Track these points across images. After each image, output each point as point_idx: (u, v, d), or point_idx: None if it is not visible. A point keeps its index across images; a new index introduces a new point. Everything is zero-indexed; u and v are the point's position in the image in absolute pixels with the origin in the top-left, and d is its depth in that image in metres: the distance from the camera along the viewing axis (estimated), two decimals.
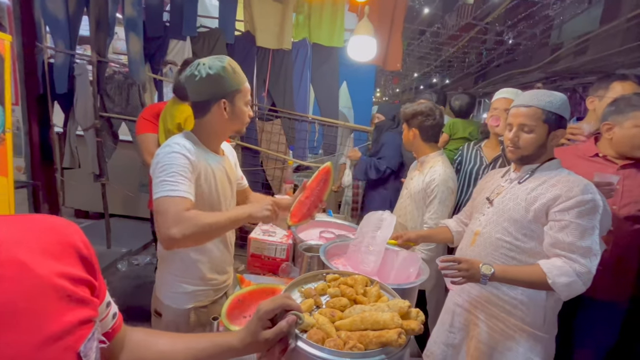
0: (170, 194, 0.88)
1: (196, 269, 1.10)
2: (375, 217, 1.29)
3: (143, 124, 1.92)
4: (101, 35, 2.85)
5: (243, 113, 1.06)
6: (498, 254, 1.15)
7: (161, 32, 2.85)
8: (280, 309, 0.61)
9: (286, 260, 1.55)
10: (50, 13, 2.75)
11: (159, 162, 0.94)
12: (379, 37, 2.63)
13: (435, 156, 1.70)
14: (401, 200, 1.81)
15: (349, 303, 0.74)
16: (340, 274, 0.89)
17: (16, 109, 3.06)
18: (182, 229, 0.85)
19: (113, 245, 3.26)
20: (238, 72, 1.03)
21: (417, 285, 1.03)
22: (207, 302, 1.15)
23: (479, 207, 1.30)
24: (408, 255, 1.20)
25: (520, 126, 1.12)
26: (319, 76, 2.97)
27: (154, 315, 1.17)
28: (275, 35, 2.84)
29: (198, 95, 1.02)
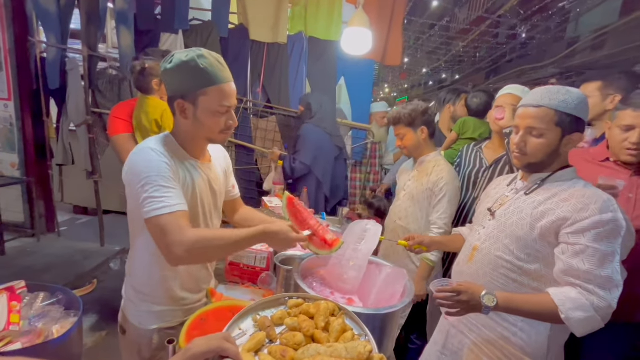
0: (162, 212, 0.80)
1: (165, 287, 0.98)
2: (359, 227, 1.18)
3: (117, 123, 1.82)
4: (92, 29, 2.78)
5: (211, 121, 0.89)
6: (497, 274, 1.01)
7: (152, 26, 2.76)
8: (214, 354, 0.51)
9: (266, 270, 1.44)
10: (41, 6, 2.69)
11: (136, 175, 0.83)
12: (378, 30, 2.49)
13: (436, 156, 1.65)
14: (398, 203, 1.71)
15: (304, 340, 0.63)
16: (306, 298, 0.78)
17: (9, 104, 3.03)
18: (186, 247, 0.78)
19: (107, 242, 3.22)
20: (208, 69, 0.85)
21: (400, 310, 0.91)
22: (174, 324, 1.02)
23: (480, 218, 1.16)
24: (392, 270, 1.08)
25: (528, 129, 0.96)
26: (316, 71, 2.85)
27: (120, 331, 1.09)
28: (269, 28, 2.72)
29: (167, 90, 0.91)
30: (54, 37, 2.77)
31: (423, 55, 11.62)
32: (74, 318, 1.66)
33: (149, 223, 0.82)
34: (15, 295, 1.64)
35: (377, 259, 1.19)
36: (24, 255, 2.91)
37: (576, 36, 6.88)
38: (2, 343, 1.48)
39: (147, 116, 1.73)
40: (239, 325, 0.70)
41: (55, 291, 1.78)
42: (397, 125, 1.61)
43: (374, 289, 1.04)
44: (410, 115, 1.57)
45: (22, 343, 1.50)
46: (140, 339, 1.01)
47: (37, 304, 1.71)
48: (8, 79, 2.95)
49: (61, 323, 1.66)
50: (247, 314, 0.73)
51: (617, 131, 1.24)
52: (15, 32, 2.87)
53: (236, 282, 1.47)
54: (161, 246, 0.81)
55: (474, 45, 9.51)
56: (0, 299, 1.55)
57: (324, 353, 0.57)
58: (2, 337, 1.49)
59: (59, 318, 1.69)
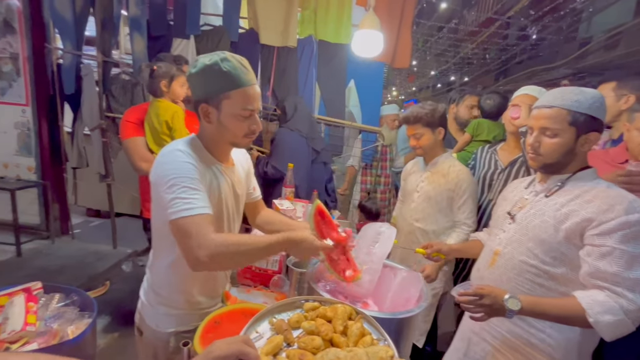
0: (187, 214, 0.79)
1: (183, 291, 0.99)
2: (373, 229, 1.16)
3: (128, 127, 1.84)
4: (106, 35, 2.84)
5: (235, 125, 0.88)
6: (522, 279, 0.99)
7: (165, 31, 2.81)
8: (235, 358, 0.50)
9: (278, 273, 1.44)
10: (58, 13, 2.76)
11: (164, 176, 0.83)
12: (387, 32, 2.48)
13: (448, 156, 1.65)
14: (412, 205, 1.67)
15: (322, 344, 0.62)
16: (322, 302, 0.77)
17: (27, 109, 3.11)
18: (210, 251, 0.77)
19: (119, 245, 3.27)
20: (232, 72, 0.84)
21: (417, 314, 0.90)
22: (191, 327, 1.01)
23: (499, 221, 1.14)
24: (408, 274, 1.06)
25: (542, 130, 0.96)
26: (325, 74, 2.85)
27: (137, 332, 1.09)
28: (279, 32, 2.74)
29: (192, 95, 0.92)
30: (69, 44, 2.84)
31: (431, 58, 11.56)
32: (88, 319, 1.68)
33: (173, 225, 0.81)
34: (32, 296, 1.68)
35: (392, 263, 1.17)
36: (40, 256, 2.97)
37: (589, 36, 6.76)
38: (19, 343, 1.51)
39: (158, 118, 1.75)
40: (256, 328, 0.69)
41: (70, 292, 1.81)
42: (415, 125, 1.58)
43: (389, 293, 1.02)
44: (432, 115, 1.55)
45: (38, 343, 1.53)
46: (156, 341, 1.01)
47: (53, 305, 1.74)
48: (26, 85, 3.03)
49: (76, 324, 1.69)
50: (264, 317, 0.72)
51: (635, 133, 1.23)
52: (33, 40, 2.95)
53: (248, 285, 1.46)
54: (184, 249, 0.80)
55: (483, 47, 9.42)
56: (18, 299, 1.58)
57: (344, 357, 0.56)
58: (19, 337, 1.52)
59: (73, 319, 1.71)
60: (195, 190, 0.82)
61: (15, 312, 1.51)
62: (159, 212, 0.91)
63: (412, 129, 1.59)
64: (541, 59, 8.19)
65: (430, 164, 1.65)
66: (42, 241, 3.22)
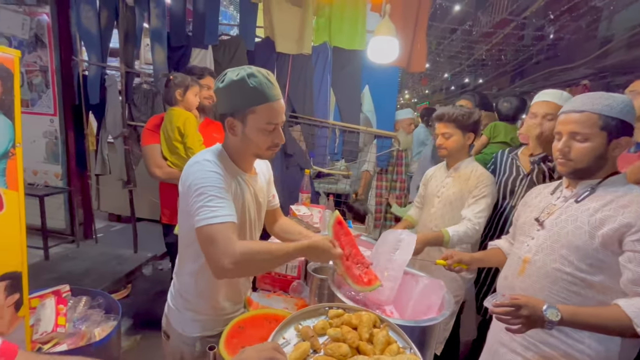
0: (213, 222, 0.81)
1: (209, 297, 1.02)
2: (393, 236, 1.16)
3: (147, 135, 1.93)
4: (129, 47, 2.96)
5: (259, 139, 0.91)
6: (557, 287, 0.95)
7: (184, 42, 2.90)
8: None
9: (297, 279, 1.45)
10: (84, 28, 2.90)
11: (192, 185, 0.85)
12: (402, 37, 2.48)
13: (471, 161, 1.62)
14: (432, 210, 1.65)
15: (349, 352, 0.63)
16: (346, 309, 0.78)
17: (54, 119, 3.27)
18: (234, 259, 0.79)
19: (140, 249, 3.36)
20: (259, 88, 0.86)
21: (439, 322, 0.89)
22: (215, 332, 1.04)
23: (525, 228, 1.11)
24: (430, 281, 1.06)
25: (572, 134, 0.94)
26: (340, 80, 2.87)
27: (163, 336, 1.12)
28: (294, 40, 2.78)
29: (217, 108, 0.95)
30: (94, 56, 2.97)
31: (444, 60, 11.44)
32: (114, 322, 1.74)
33: (199, 232, 0.82)
34: (62, 299, 1.75)
35: (413, 270, 1.16)
36: (66, 260, 3.09)
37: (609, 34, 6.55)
38: (50, 344, 1.57)
39: (171, 125, 1.82)
40: (283, 334, 0.71)
41: (96, 295, 1.88)
42: (448, 124, 1.54)
43: (410, 300, 1.02)
44: (468, 118, 1.52)
45: (67, 344, 1.59)
46: (183, 346, 1.03)
47: (80, 307, 1.81)
48: (54, 95, 3.18)
49: (102, 326, 1.75)
50: (289, 324, 0.73)
51: None
52: (61, 53, 3.11)
53: (267, 290, 1.48)
54: (209, 256, 0.82)
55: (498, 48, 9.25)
56: (49, 302, 1.65)
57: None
58: (50, 338, 1.58)
59: (99, 321, 1.78)
60: (221, 199, 0.84)
61: (46, 314, 1.58)
62: (186, 220, 0.95)
63: (444, 127, 1.55)
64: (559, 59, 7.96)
65: (452, 169, 1.62)
66: (67, 245, 3.35)
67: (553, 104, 1.44)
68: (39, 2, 3.01)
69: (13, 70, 1.02)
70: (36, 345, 1.50)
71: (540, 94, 1.52)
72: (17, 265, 1.14)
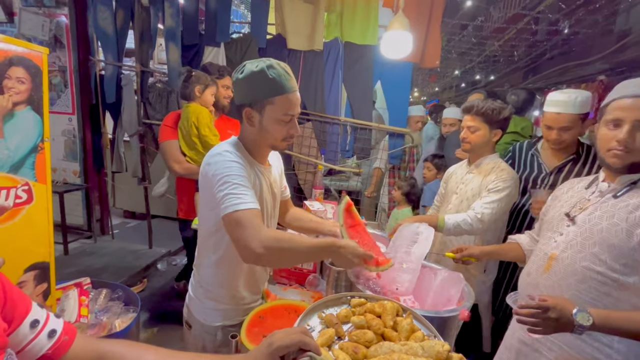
0: (240, 208, 0.83)
1: (229, 287, 1.04)
2: (410, 230, 1.16)
3: (165, 131, 1.97)
4: (144, 47, 3.02)
5: (275, 129, 0.93)
6: (585, 286, 0.89)
7: (197, 40, 2.94)
8: (296, 347, 0.53)
9: (314, 272, 1.46)
10: (101, 28, 2.97)
11: (216, 174, 0.87)
12: (416, 32, 2.47)
13: (495, 157, 1.54)
14: (450, 207, 1.61)
15: (375, 338, 0.64)
16: (368, 298, 0.78)
17: (73, 118, 3.35)
18: (263, 243, 0.80)
19: (154, 245, 3.43)
20: (277, 79, 0.88)
21: (456, 316, 0.89)
22: (236, 322, 1.07)
23: (553, 223, 1.04)
24: (449, 274, 1.06)
25: (637, 123, 0.84)
26: (352, 76, 2.87)
27: (185, 326, 1.15)
28: (306, 36, 2.79)
29: (235, 99, 0.97)
30: (111, 56, 3.04)
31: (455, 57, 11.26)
32: (133, 314, 1.79)
33: (227, 218, 0.84)
34: (84, 291, 1.80)
35: (431, 263, 1.16)
36: (84, 255, 3.18)
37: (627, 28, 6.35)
38: None
39: (188, 121, 1.86)
40: (307, 322, 0.72)
41: (116, 288, 1.94)
42: (475, 117, 1.47)
43: (430, 292, 1.02)
44: (498, 113, 1.44)
45: (90, 335, 1.64)
46: (205, 335, 1.06)
47: (101, 299, 1.86)
48: (72, 95, 3.27)
49: (122, 318, 1.79)
50: (312, 312, 0.75)
51: None
52: (78, 53, 3.18)
53: (284, 284, 1.50)
54: (237, 241, 0.83)
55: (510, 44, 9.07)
56: (72, 293, 1.70)
57: (399, 351, 0.57)
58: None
59: (119, 313, 1.83)
60: (245, 187, 0.86)
61: (70, 305, 1.64)
62: (207, 211, 0.97)
63: (471, 120, 1.48)
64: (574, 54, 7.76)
65: (474, 165, 1.56)
66: (86, 240, 3.44)
67: (566, 116, 1.39)
68: (58, 4, 3.09)
69: (42, 66, 1.06)
70: None
71: (551, 104, 1.44)
72: (45, 256, 1.18)
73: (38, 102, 1.08)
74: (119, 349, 0.52)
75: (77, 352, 0.49)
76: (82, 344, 0.50)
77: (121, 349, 0.53)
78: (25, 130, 1.05)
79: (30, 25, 2.99)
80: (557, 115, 1.42)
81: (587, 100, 1.40)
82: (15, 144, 1.01)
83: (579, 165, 1.49)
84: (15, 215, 1.04)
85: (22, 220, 1.07)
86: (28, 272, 1.13)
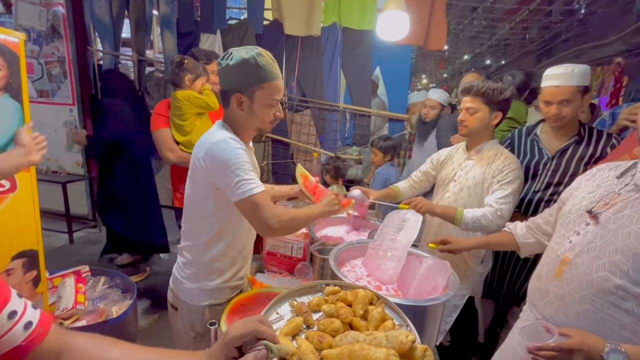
0: (255, 192, 0.92)
1: (215, 268, 1.07)
2: (398, 216, 1.13)
3: (157, 119, 1.95)
4: (140, 36, 2.99)
5: (263, 112, 1.00)
6: (602, 302, 0.74)
7: (193, 27, 2.89)
8: (251, 336, 0.51)
9: (303, 260, 1.45)
10: (97, 17, 2.94)
11: (226, 162, 0.93)
12: (419, 12, 2.37)
13: (495, 144, 1.46)
14: (447, 195, 1.52)
15: (341, 327, 0.61)
16: (343, 286, 0.76)
17: (73, 109, 3.37)
18: (280, 219, 0.93)
19: None
20: (265, 67, 0.95)
21: (442, 303, 0.86)
22: (222, 300, 1.11)
23: (570, 219, 0.87)
24: (435, 262, 1.02)
25: None
26: (350, 62, 2.79)
27: (171, 309, 1.17)
28: (303, 21, 2.72)
29: (222, 84, 1.01)
30: (108, 45, 3.02)
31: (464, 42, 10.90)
32: (129, 301, 1.81)
33: (244, 202, 0.92)
34: (81, 278, 1.83)
35: (418, 251, 1.13)
36: (89, 243, 3.24)
37: None
38: (71, 320, 1.66)
39: (178, 109, 1.85)
40: (276, 309, 0.70)
41: (114, 276, 1.96)
42: (474, 98, 1.38)
43: (413, 280, 0.99)
44: (498, 94, 1.35)
45: (87, 321, 1.67)
46: (192, 315, 1.08)
47: (99, 286, 1.89)
48: (72, 86, 3.28)
49: (119, 304, 1.82)
50: (284, 300, 0.73)
51: None
52: (76, 43, 3.17)
53: (273, 272, 1.49)
54: (257, 220, 0.94)
55: (522, 26, 8.70)
56: (69, 280, 1.73)
57: (363, 341, 0.54)
58: (71, 314, 1.67)
59: (117, 300, 1.85)
60: (252, 172, 0.95)
61: (67, 292, 1.67)
62: (207, 194, 0.99)
63: (470, 102, 1.39)
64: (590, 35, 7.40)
65: (474, 150, 1.47)
66: (90, 230, 3.51)
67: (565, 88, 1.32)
68: None
69: (19, 53, 1.04)
70: (57, 320, 1.59)
71: (549, 79, 1.37)
72: (32, 244, 1.19)
73: (17, 90, 1.07)
74: (83, 343, 0.52)
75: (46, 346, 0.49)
76: (52, 336, 0.50)
77: (85, 343, 0.52)
78: (4, 117, 1.04)
79: (27, 15, 2.99)
80: (556, 88, 1.34)
81: (586, 72, 1.33)
82: None
83: (582, 146, 1.42)
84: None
85: (7, 209, 1.07)
86: (15, 259, 1.14)
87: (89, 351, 0.51)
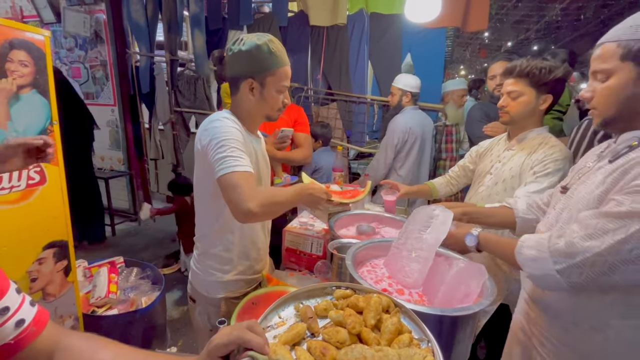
0: (238, 169, 0.87)
1: (228, 259, 1.07)
2: (424, 213, 1.01)
3: None
4: (172, 36, 3.08)
5: (273, 98, 1.00)
6: None
7: (220, 25, 2.92)
8: (235, 346, 0.45)
9: (323, 258, 1.37)
10: (134, 21, 3.08)
11: (214, 138, 0.91)
12: None
13: (543, 131, 1.24)
14: (481, 189, 1.36)
15: (348, 339, 0.53)
16: (356, 289, 0.67)
17: (115, 109, 3.59)
18: (258, 202, 0.85)
19: None
20: (276, 53, 0.95)
21: (475, 314, 0.74)
22: (238, 294, 1.10)
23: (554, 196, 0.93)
24: (466, 265, 0.89)
25: None
26: (379, 50, 2.65)
27: (190, 301, 1.18)
28: (329, 10, 2.63)
29: (231, 71, 1.00)
30: (144, 47, 3.16)
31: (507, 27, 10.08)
32: (158, 292, 1.87)
33: (223, 180, 0.86)
34: (115, 269, 1.92)
35: (448, 251, 1.00)
36: (129, 236, 3.45)
37: None
38: (104, 308, 1.74)
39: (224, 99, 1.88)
40: (279, 312, 0.63)
41: (146, 267, 2.04)
42: (518, 79, 1.19)
43: (441, 285, 0.87)
44: (547, 73, 1.14)
45: (118, 310, 1.74)
46: (209, 307, 1.09)
47: (132, 277, 1.97)
48: (113, 87, 3.49)
49: (148, 295, 1.88)
50: (290, 302, 0.66)
51: None
52: (116, 47, 3.36)
53: (292, 269, 1.44)
54: (232, 201, 0.85)
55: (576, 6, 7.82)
56: (102, 271, 1.82)
57: (371, 357, 0.46)
58: (104, 303, 1.75)
59: (147, 291, 1.92)
60: (242, 152, 0.91)
61: (100, 282, 1.75)
62: (206, 178, 0.97)
63: (512, 84, 1.21)
64: None
65: (515, 139, 1.28)
66: (131, 223, 3.73)
67: None
68: (96, 1, 3.27)
69: (45, 50, 1.08)
70: (92, 308, 1.67)
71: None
72: (63, 235, 1.25)
73: (44, 86, 1.11)
74: (78, 343, 0.50)
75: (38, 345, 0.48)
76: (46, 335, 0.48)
77: (80, 343, 0.51)
78: (32, 113, 1.08)
79: (74, 22, 3.21)
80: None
81: None
82: (23, 127, 1.06)
83: None
84: (30, 196, 1.10)
85: (37, 200, 1.12)
86: (47, 249, 1.20)
87: (82, 352, 0.49)
